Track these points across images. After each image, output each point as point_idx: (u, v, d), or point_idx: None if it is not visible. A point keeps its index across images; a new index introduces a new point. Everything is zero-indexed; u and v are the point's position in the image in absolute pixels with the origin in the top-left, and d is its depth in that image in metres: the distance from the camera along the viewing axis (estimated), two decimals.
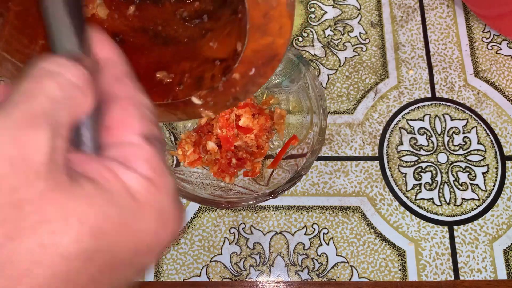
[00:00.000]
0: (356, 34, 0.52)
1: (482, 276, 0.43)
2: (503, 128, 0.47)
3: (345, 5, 0.53)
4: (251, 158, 0.43)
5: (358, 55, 0.51)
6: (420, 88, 0.49)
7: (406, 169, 0.46)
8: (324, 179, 0.46)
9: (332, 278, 0.43)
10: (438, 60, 0.50)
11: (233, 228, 0.45)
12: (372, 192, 0.46)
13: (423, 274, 0.43)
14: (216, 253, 0.44)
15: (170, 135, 0.44)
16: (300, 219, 0.45)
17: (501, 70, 0.50)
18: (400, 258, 0.43)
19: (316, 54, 0.51)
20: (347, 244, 0.44)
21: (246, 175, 0.43)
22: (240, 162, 0.42)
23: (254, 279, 0.43)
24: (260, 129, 0.43)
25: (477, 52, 0.51)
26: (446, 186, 0.45)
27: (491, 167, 0.46)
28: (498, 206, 0.45)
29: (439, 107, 0.48)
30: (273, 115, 0.45)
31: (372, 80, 0.50)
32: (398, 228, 0.44)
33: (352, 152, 0.47)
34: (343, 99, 0.49)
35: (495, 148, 0.47)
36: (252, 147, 0.43)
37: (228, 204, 0.37)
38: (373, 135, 0.48)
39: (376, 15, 0.53)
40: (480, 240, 0.44)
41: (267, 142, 0.44)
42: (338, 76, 0.50)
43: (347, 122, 0.48)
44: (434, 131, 0.47)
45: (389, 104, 0.49)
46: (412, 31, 0.52)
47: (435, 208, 0.45)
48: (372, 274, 0.43)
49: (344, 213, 0.45)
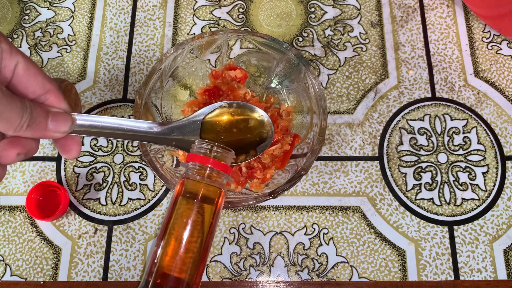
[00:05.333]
0: (356, 34, 0.52)
1: (482, 276, 0.43)
2: (503, 128, 0.47)
3: (345, 5, 0.53)
4: (262, 168, 0.42)
5: (358, 55, 0.51)
6: (420, 88, 0.49)
7: (406, 169, 0.46)
8: (324, 179, 0.46)
9: (332, 278, 0.43)
10: (438, 60, 0.50)
11: (233, 228, 0.45)
12: (372, 192, 0.46)
13: (423, 274, 0.43)
14: (216, 253, 0.44)
15: None
16: (300, 219, 0.45)
17: (501, 70, 0.50)
18: (400, 258, 0.43)
19: (316, 54, 0.51)
20: (347, 244, 0.44)
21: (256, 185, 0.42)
22: (251, 171, 0.42)
23: (254, 279, 0.43)
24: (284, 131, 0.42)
25: (477, 52, 0.51)
26: (446, 186, 0.45)
27: (491, 167, 0.46)
28: (498, 206, 0.45)
29: (439, 107, 0.48)
30: (280, 112, 0.44)
31: (372, 80, 0.50)
32: (398, 228, 0.44)
33: (352, 152, 0.47)
34: (343, 99, 0.49)
35: (495, 148, 0.47)
36: (266, 159, 0.42)
37: (228, 204, 0.37)
38: (373, 135, 0.48)
39: (376, 15, 0.53)
40: (480, 240, 0.44)
41: None
42: (338, 76, 0.50)
43: (347, 122, 0.48)
44: (434, 131, 0.47)
45: (389, 104, 0.49)
46: (412, 31, 0.52)
47: (435, 208, 0.45)
48: (372, 274, 0.43)
49: (344, 213, 0.45)
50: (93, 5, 0.55)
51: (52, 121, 0.26)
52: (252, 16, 0.54)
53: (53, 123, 0.26)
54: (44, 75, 0.26)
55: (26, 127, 0.25)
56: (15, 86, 0.25)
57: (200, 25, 0.53)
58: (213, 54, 0.45)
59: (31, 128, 0.25)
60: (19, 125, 0.24)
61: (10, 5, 0.56)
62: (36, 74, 0.26)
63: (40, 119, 0.25)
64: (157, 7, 0.54)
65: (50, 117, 0.26)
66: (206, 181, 0.31)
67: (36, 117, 0.25)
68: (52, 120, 0.26)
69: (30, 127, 0.25)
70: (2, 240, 0.45)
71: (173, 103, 0.45)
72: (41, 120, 0.26)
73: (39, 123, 0.25)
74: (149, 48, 0.52)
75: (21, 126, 0.24)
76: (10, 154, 0.25)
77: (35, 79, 0.26)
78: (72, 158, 0.29)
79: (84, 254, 0.44)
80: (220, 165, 0.32)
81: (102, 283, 0.44)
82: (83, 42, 0.53)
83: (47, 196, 0.46)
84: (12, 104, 0.23)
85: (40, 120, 0.25)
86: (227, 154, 0.33)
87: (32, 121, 0.25)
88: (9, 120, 0.24)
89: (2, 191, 0.47)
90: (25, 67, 0.25)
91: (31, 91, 0.26)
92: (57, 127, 0.26)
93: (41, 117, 0.25)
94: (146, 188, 0.47)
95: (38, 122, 0.25)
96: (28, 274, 0.44)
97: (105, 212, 0.46)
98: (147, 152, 0.39)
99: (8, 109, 0.23)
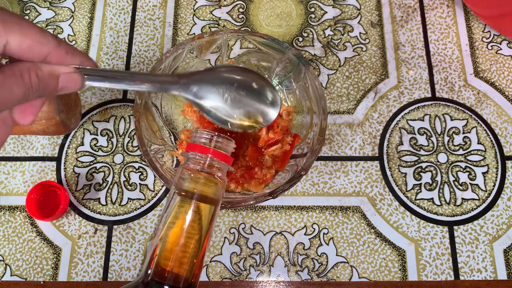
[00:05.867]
0: (356, 34, 0.52)
1: (482, 276, 0.43)
2: (503, 128, 0.47)
3: (345, 5, 0.53)
4: (262, 168, 0.42)
5: (358, 55, 0.51)
6: (420, 88, 0.49)
7: (406, 169, 0.46)
8: (324, 179, 0.46)
9: (332, 278, 0.43)
10: (438, 60, 0.50)
11: (233, 228, 0.45)
12: (372, 192, 0.46)
13: (423, 274, 0.43)
14: (216, 253, 0.44)
15: (170, 135, 0.44)
16: (300, 219, 0.45)
17: (501, 70, 0.50)
18: (400, 258, 0.43)
19: (316, 54, 0.51)
20: (347, 244, 0.44)
21: (256, 184, 0.42)
22: (251, 172, 0.42)
23: (254, 279, 0.43)
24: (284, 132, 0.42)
25: (477, 52, 0.51)
26: (446, 186, 0.45)
27: (491, 167, 0.46)
28: (498, 206, 0.45)
29: (439, 107, 0.48)
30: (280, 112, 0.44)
31: (372, 80, 0.50)
32: (398, 228, 0.44)
33: (352, 152, 0.47)
34: (343, 99, 0.49)
35: (495, 148, 0.47)
36: (267, 161, 0.42)
37: (228, 204, 0.37)
38: (373, 135, 0.48)
39: (376, 15, 0.53)
40: (480, 240, 0.44)
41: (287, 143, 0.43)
42: (338, 76, 0.50)
43: (347, 122, 0.48)
44: (434, 131, 0.47)
45: (389, 104, 0.49)
46: (412, 31, 0.52)
47: (435, 208, 0.45)
48: (372, 274, 0.43)
49: (344, 213, 0.45)
50: (93, 5, 0.55)
51: (61, 88, 0.26)
52: (252, 16, 0.54)
53: (63, 87, 0.26)
54: (38, 45, 0.25)
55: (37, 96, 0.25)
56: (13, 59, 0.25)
57: (200, 25, 0.53)
58: (213, 54, 0.45)
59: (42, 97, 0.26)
60: (31, 91, 0.25)
61: (10, 5, 0.56)
62: (31, 46, 0.25)
63: (50, 88, 0.26)
64: (157, 7, 0.54)
65: (60, 82, 0.26)
66: (206, 171, 0.31)
67: (45, 88, 0.25)
68: (62, 86, 0.26)
69: (42, 96, 0.26)
70: (2, 240, 0.45)
71: (173, 103, 0.45)
72: (51, 89, 0.26)
73: (50, 92, 0.26)
74: (149, 48, 0.52)
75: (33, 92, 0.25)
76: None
77: (30, 54, 0.25)
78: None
79: (84, 254, 0.44)
80: (221, 154, 0.32)
81: (102, 283, 0.44)
82: (83, 42, 0.53)
83: (47, 196, 0.46)
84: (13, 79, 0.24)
85: (50, 88, 0.26)
86: (228, 143, 0.33)
87: (43, 90, 0.25)
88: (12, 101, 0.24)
89: (2, 191, 0.47)
90: (18, 43, 0.24)
91: (31, 60, 0.26)
92: (67, 89, 0.27)
93: (50, 86, 0.26)
94: (146, 188, 0.47)
95: (49, 92, 0.26)
96: (28, 274, 0.44)
97: (105, 212, 0.46)
98: (147, 152, 0.39)
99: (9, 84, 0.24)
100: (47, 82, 0.25)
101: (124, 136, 0.49)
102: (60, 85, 0.26)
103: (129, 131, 0.49)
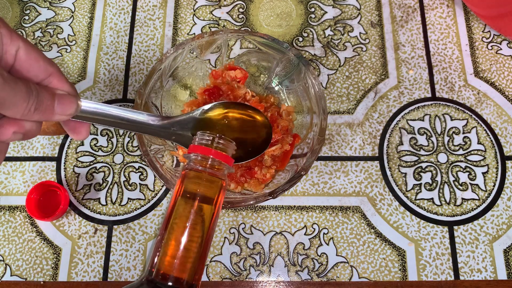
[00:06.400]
0: (356, 34, 0.52)
1: (482, 276, 0.43)
2: (503, 128, 0.47)
3: (345, 5, 0.53)
4: (262, 168, 0.42)
5: (358, 55, 0.51)
6: (420, 88, 0.49)
7: (406, 169, 0.46)
8: (324, 179, 0.46)
9: (332, 278, 0.43)
10: (438, 60, 0.50)
11: (233, 228, 0.45)
12: (372, 192, 0.46)
13: (423, 274, 0.43)
14: (216, 253, 0.44)
15: None
16: (300, 219, 0.45)
17: (501, 70, 0.50)
18: (400, 258, 0.43)
19: (316, 54, 0.51)
20: (347, 244, 0.44)
21: (255, 184, 0.42)
22: (251, 172, 0.42)
23: (254, 279, 0.43)
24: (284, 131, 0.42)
25: (477, 52, 0.51)
26: (446, 186, 0.45)
27: (491, 167, 0.46)
28: (498, 206, 0.45)
29: (439, 107, 0.48)
30: (280, 111, 0.44)
31: (372, 80, 0.50)
32: (398, 228, 0.44)
33: (352, 152, 0.47)
34: (343, 99, 0.49)
35: (495, 148, 0.47)
36: (266, 161, 0.42)
37: (228, 204, 0.37)
38: (373, 135, 0.48)
39: (376, 15, 0.53)
40: (480, 240, 0.44)
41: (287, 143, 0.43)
42: (338, 76, 0.50)
43: (347, 122, 0.48)
44: (434, 131, 0.47)
45: (389, 104, 0.49)
46: (412, 31, 0.52)
47: (435, 208, 0.45)
48: (372, 274, 0.43)
49: (344, 213, 0.45)
50: (93, 5, 0.55)
51: (58, 104, 0.26)
52: (252, 16, 0.54)
53: (60, 106, 0.26)
54: (45, 59, 0.26)
55: (34, 110, 0.25)
56: (17, 71, 0.25)
57: (200, 25, 0.53)
58: (213, 54, 0.45)
59: (39, 111, 0.25)
60: (27, 109, 0.24)
61: (10, 5, 0.56)
62: (38, 58, 0.25)
63: (47, 102, 0.25)
64: (157, 7, 0.54)
65: (56, 99, 0.26)
66: (208, 172, 0.31)
67: (43, 100, 0.25)
68: (59, 103, 0.26)
69: (38, 110, 0.25)
70: (2, 240, 0.45)
71: (173, 103, 0.45)
72: (48, 103, 0.25)
73: (46, 106, 0.25)
74: (149, 48, 0.52)
75: (29, 109, 0.24)
76: (6, 132, 0.25)
77: (37, 63, 0.25)
78: (82, 139, 0.30)
79: (84, 254, 0.44)
80: (222, 155, 0.32)
81: (102, 283, 0.44)
82: (83, 42, 0.53)
83: (47, 196, 0.46)
84: (17, 88, 0.23)
85: (47, 103, 0.25)
86: (229, 145, 0.33)
87: (39, 104, 0.25)
88: (16, 104, 0.23)
89: (2, 191, 0.47)
90: (26, 51, 0.25)
91: (34, 75, 0.26)
92: (63, 110, 0.26)
93: (48, 100, 0.25)
94: (146, 188, 0.47)
95: (46, 105, 0.25)
96: (28, 274, 0.44)
97: (105, 212, 0.46)
98: (147, 152, 0.39)
99: (12, 94, 0.23)
100: (44, 96, 0.25)
101: (124, 136, 0.49)
102: (56, 101, 0.26)
103: (129, 131, 0.49)
